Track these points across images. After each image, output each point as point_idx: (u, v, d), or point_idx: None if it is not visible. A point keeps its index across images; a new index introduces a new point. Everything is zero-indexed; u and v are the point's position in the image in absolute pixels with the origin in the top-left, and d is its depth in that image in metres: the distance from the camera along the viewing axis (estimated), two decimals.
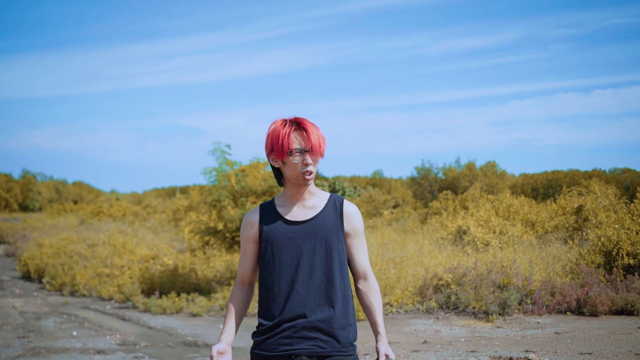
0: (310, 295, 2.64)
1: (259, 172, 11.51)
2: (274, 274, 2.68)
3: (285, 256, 2.68)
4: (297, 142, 2.67)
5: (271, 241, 2.71)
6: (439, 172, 27.97)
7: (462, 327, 8.51)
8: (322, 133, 2.73)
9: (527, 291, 9.21)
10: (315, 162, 2.70)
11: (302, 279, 2.65)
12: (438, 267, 10.26)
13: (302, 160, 2.66)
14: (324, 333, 2.62)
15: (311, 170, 2.69)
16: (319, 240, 2.69)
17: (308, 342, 2.61)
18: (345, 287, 2.69)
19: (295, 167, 2.68)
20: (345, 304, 2.68)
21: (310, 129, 2.67)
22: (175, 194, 30.67)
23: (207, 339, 8.56)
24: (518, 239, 12.55)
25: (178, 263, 12.38)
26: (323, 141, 2.71)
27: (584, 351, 6.68)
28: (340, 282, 2.68)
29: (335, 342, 2.63)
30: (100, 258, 14.43)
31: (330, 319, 2.63)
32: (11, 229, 25.29)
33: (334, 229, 2.71)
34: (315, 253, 2.67)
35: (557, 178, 27.16)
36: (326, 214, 2.73)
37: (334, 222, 2.72)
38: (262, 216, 2.77)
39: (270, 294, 2.68)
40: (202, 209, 12.12)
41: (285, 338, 2.62)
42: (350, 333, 2.67)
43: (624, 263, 9.64)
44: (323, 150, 2.70)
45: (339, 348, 2.63)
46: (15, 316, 10.26)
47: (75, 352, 7.70)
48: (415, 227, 15.58)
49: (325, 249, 2.68)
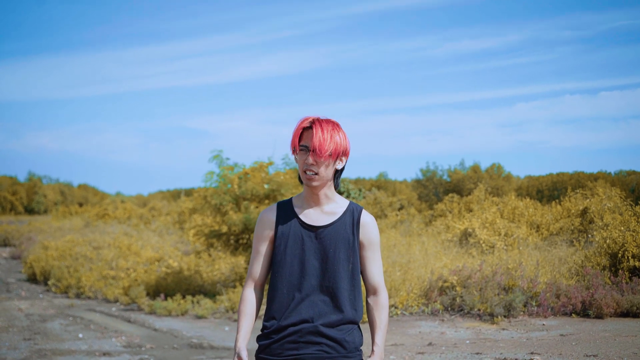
0: (318, 301, 2.62)
1: (260, 174, 11.48)
2: (284, 275, 2.65)
3: (296, 259, 2.66)
4: (304, 140, 2.65)
5: (285, 242, 2.67)
6: (444, 174, 27.95)
7: (467, 329, 8.50)
8: (339, 137, 2.63)
9: (533, 293, 9.20)
10: (319, 164, 2.62)
11: (311, 283, 2.64)
12: (443, 269, 10.25)
13: (304, 159, 2.64)
14: (329, 339, 2.61)
15: (313, 170, 2.63)
16: (333, 248, 2.65)
17: (314, 347, 2.60)
18: (355, 296, 2.67)
19: (300, 164, 2.67)
20: (353, 312, 2.66)
21: (317, 130, 2.60)
22: (180, 196, 30.71)
23: (213, 340, 8.57)
24: (523, 241, 12.53)
25: (183, 265, 12.40)
26: (331, 145, 2.60)
27: (589, 353, 6.67)
28: (349, 290, 2.65)
29: (341, 347, 2.61)
30: (105, 260, 14.46)
31: (336, 324, 2.62)
32: (17, 232, 25.35)
33: (349, 238, 2.67)
34: (327, 260, 2.65)
35: (562, 180, 27.10)
36: (343, 222, 2.68)
37: (350, 232, 2.68)
38: (279, 215, 2.72)
39: (277, 295, 2.65)
40: (207, 211, 12.12)
41: (291, 343, 2.60)
42: (356, 338, 2.66)
43: (629, 265, 9.62)
44: (327, 153, 2.60)
45: (344, 353, 2.62)
46: (21, 318, 10.30)
47: (81, 354, 7.72)
48: (420, 229, 15.57)
49: (337, 256, 2.65)
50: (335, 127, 2.64)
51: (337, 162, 2.67)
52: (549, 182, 27.89)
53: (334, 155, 2.63)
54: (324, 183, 2.68)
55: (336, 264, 2.64)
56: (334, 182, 2.72)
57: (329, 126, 2.63)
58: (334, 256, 2.65)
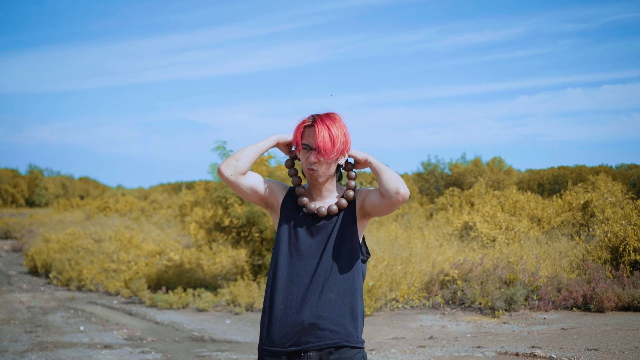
0: (315, 292, 2.62)
1: (261, 168, 11.49)
2: (280, 262, 2.68)
3: (293, 247, 2.68)
4: (306, 138, 2.67)
5: (285, 227, 2.70)
6: (445, 167, 27.90)
7: (468, 323, 8.51)
8: (342, 135, 2.65)
9: (534, 287, 9.21)
10: (322, 163, 2.65)
11: (306, 274, 2.64)
12: (444, 263, 10.26)
13: (306, 157, 2.66)
14: (327, 328, 2.60)
15: (315, 169, 2.66)
16: (329, 238, 2.67)
17: (313, 336, 2.60)
18: (352, 288, 2.65)
19: (303, 162, 2.69)
20: (352, 305, 2.65)
21: (320, 129, 2.61)
22: (182, 189, 30.70)
23: (214, 333, 8.58)
24: (524, 234, 12.53)
25: (184, 258, 12.40)
26: (335, 143, 2.62)
27: (590, 347, 6.67)
28: (344, 283, 2.64)
29: (342, 333, 2.61)
30: (106, 253, 14.47)
31: (332, 317, 2.62)
32: (18, 224, 25.36)
33: (347, 225, 2.69)
34: (324, 251, 2.66)
35: (563, 174, 27.06)
36: (341, 210, 2.71)
37: (351, 216, 2.70)
38: (287, 196, 2.75)
39: (274, 282, 2.67)
40: (208, 204, 12.12)
41: (293, 334, 2.61)
42: (355, 329, 2.65)
43: (630, 259, 9.62)
44: (331, 152, 2.62)
45: (346, 338, 2.62)
46: (23, 311, 10.31)
47: (82, 347, 7.74)
48: (421, 223, 15.57)
49: (334, 249, 2.66)
50: (336, 124, 2.65)
51: (339, 159, 2.70)
52: (550, 176, 27.85)
53: (337, 154, 2.66)
54: (328, 178, 2.73)
55: (331, 256, 2.66)
56: (337, 174, 2.77)
57: (331, 124, 2.63)
58: (330, 247, 2.66)
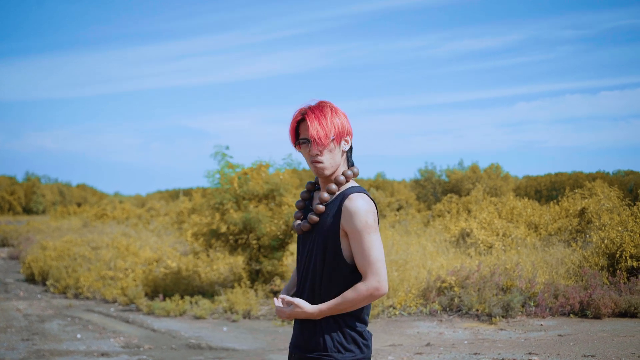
0: (304, 296, 2.63)
1: (260, 175, 11.52)
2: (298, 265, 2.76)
3: (297, 262, 2.74)
4: (303, 133, 2.61)
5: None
6: (442, 174, 27.94)
7: (465, 330, 8.51)
8: (338, 119, 2.56)
9: (531, 293, 9.21)
10: (323, 153, 2.56)
11: (302, 278, 2.66)
12: (441, 270, 10.26)
13: (307, 151, 2.60)
14: (305, 338, 2.59)
15: (319, 160, 2.57)
16: (318, 241, 2.59)
17: (296, 340, 2.66)
18: (339, 291, 2.55)
19: (306, 157, 2.63)
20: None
21: (311, 120, 2.54)
22: (179, 197, 30.69)
23: (211, 341, 8.57)
24: (521, 241, 12.54)
25: (181, 266, 12.39)
26: (327, 129, 2.53)
27: (587, 353, 6.68)
28: (328, 286, 2.55)
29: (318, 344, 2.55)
30: (104, 261, 14.46)
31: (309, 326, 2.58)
32: (15, 232, 25.32)
33: (332, 229, 2.56)
34: (312, 254, 2.61)
35: (560, 180, 27.13)
36: (329, 212, 2.58)
37: (332, 222, 2.55)
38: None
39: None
40: (206, 211, 12.13)
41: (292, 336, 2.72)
42: (334, 339, 2.54)
43: (627, 265, 9.63)
44: (327, 139, 2.54)
45: (320, 350, 2.55)
46: (20, 319, 10.29)
47: (79, 355, 7.72)
48: (419, 229, 15.58)
49: (321, 250, 2.57)
50: (330, 110, 2.57)
51: (342, 144, 2.61)
52: (548, 182, 27.92)
53: (337, 138, 2.58)
54: (335, 168, 2.62)
55: (319, 259, 2.59)
56: (348, 163, 2.67)
57: (323, 111, 2.56)
58: (319, 250, 2.59)
